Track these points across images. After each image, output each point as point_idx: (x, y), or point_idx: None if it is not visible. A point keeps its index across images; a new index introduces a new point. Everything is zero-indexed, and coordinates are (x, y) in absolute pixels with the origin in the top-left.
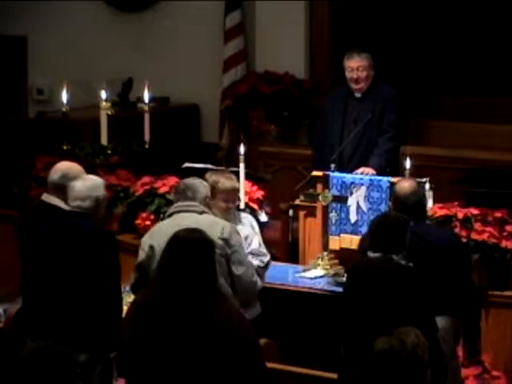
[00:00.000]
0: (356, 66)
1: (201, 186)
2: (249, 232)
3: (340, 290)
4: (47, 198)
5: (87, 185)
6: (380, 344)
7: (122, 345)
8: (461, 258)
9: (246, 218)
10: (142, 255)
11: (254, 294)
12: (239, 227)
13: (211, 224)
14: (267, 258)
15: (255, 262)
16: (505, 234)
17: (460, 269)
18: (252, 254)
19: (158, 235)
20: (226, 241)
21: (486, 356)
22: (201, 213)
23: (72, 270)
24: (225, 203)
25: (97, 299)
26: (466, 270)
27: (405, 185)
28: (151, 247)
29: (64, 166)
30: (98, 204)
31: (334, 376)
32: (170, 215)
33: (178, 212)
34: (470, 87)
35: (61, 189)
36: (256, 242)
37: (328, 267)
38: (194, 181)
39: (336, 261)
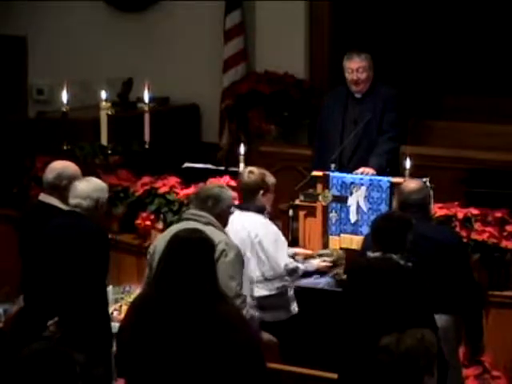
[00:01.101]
0: (356, 67)
1: (225, 196)
2: None
3: (340, 290)
4: (44, 197)
5: (90, 185)
6: (382, 340)
7: (121, 345)
8: (461, 255)
9: None
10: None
11: None
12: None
13: None
14: None
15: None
16: (505, 234)
17: (461, 266)
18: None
19: (161, 237)
20: None
21: (486, 356)
22: (206, 224)
23: (70, 269)
24: (273, 195)
25: (91, 298)
26: (467, 267)
27: (410, 183)
28: (154, 247)
29: (59, 166)
30: (97, 206)
31: (334, 376)
32: (182, 220)
33: (188, 219)
34: (470, 87)
35: (56, 188)
36: None
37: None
38: (218, 190)
39: None
